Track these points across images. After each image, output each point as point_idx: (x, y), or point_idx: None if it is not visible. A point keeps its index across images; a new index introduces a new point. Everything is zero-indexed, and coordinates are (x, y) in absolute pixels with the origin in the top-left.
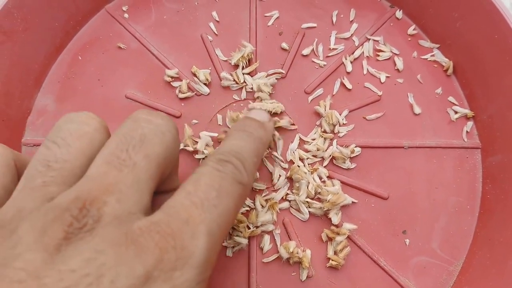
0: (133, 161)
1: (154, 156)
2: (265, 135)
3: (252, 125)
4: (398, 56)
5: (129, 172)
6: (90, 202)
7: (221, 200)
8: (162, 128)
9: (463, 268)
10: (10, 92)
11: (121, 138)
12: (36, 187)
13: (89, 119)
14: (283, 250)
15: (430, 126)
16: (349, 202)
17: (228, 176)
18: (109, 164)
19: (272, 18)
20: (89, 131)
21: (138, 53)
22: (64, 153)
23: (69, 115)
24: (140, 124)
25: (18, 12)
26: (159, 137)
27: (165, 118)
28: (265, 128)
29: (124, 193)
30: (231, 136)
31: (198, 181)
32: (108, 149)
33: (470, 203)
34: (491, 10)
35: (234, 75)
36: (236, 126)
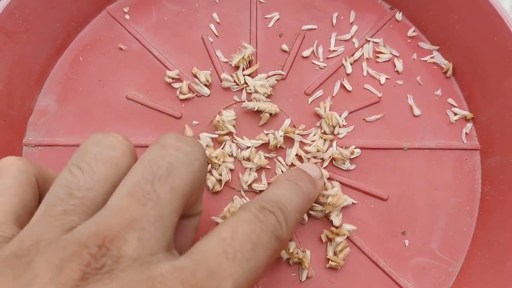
0: (158, 194)
1: (180, 189)
2: (313, 192)
3: (304, 179)
4: (398, 58)
5: (153, 206)
6: (110, 239)
7: (256, 254)
8: (190, 156)
9: (462, 269)
10: (12, 93)
11: (147, 167)
12: (56, 215)
13: (117, 142)
14: (283, 250)
15: (430, 127)
16: (349, 203)
17: (268, 228)
18: (133, 197)
19: (272, 19)
20: (116, 156)
21: (139, 54)
22: (88, 181)
23: (97, 136)
24: (168, 152)
25: (20, 13)
26: (187, 167)
27: (194, 145)
28: (315, 185)
29: (146, 230)
30: (279, 184)
31: (236, 228)
32: (133, 179)
33: (469, 204)
34: (490, 13)
35: (235, 77)
36: (287, 175)
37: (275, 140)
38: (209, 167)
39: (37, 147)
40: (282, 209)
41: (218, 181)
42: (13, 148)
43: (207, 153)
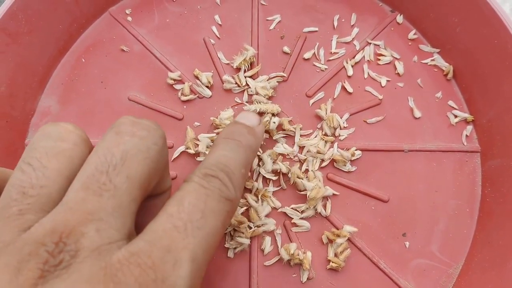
0: (114, 184)
1: (137, 176)
2: (254, 142)
3: (241, 131)
4: (399, 60)
5: (110, 197)
6: (67, 234)
7: (207, 221)
8: (146, 141)
9: (462, 270)
10: (14, 94)
11: (101, 157)
12: (11, 216)
13: (67, 133)
14: (284, 252)
15: (430, 129)
16: (330, 194)
17: (214, 193)
18: (88, 189)
19: (274, 22)
20: (67, 148)
21: (141, 56)
22: (40, 177)
23: (46, 128)
24: (122, 138)
25: (23, 14)
26: (143, 153)
27: (151, 128)
28: (254, 134)
29: (104, 221)
30: (217, 146)
31: (181, 201)
32: (87, 171)
33: (469, 206)
34: (491, 16)
35: (236, 78)
36: (224, 133)
37: (268, 123)
38: None
39: None
40: (225, 170)
41: None
42: (15, 149)
43: None
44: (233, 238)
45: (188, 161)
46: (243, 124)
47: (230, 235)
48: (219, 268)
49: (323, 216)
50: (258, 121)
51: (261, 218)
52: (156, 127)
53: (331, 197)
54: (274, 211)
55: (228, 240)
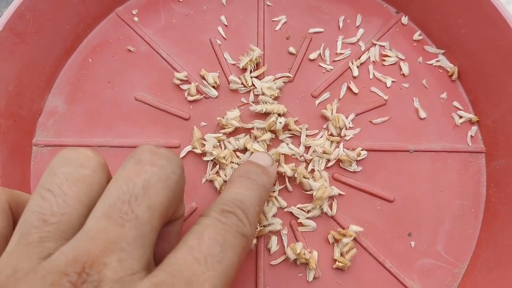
0: (135, 214)
1: (158, 206)
2: (268, 182)
3: (256, 171)
4: (404, 61)
5: (131, 227)
6: (89, 264)
7: (225, 255)
8: (166, 170)
9: (467, 270)
10: (22, 93)
11: (123, 186)
12: (31, 243)
13: (86, 159)
14: (290, 251)
15: (435, 130)
16: (336, 194)
17: (232, 228)
18: (110, 218)
19: (279, 22)
20: (87, 175)
21: (148, 56)
22: (61, 204)
23: (66, 154)
24: (143, 168)
25: (30, 14)
26: (163, 183)
27: (169, 158)
28: (268, 174)
29: (126, 251)
30: (233, 183)
31: (201, 235)
32: (108, 199)
33: (474, 206)
34: (496, 17)
35: (242, 79)
36: (239, 172)
37: (275, 123)
38: (217, 168)
39: (46, 147)
40: (241, 207)
41: (224, 182)
42: (23, 148)
43: (215, 154)
44: None
45: (195, 161)
46: (258, 164)
47: None
48: None
49: (329, 215)
50: (271, 161)
51: (268, 219)
52: (174, 156)
53: (337, 197)
54: (280, 210)
55: None
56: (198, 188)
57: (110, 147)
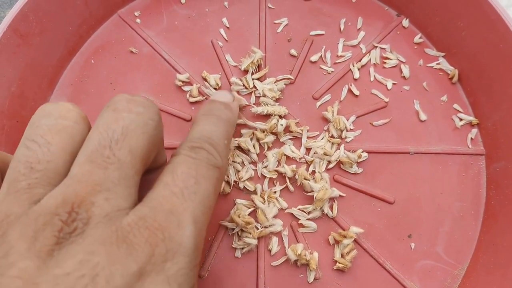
0: (118, 157)
1: (138, 150)
2: (232, 116)
3: (218, 107)
4: (405, 63)
5: (115, 169)
6: (78, 204)
7: (200, 186)
8: (143, 117)
9: (467, 272)
10: (25, 94)
11: (103, 133)
12: (21, 190)
13: (67, 111)
14: (291, 252)
15: (436, 132)
16: (337, 195)
17: (203, 162)
18: (93, 163)
19: (281, 25)
20: (68, 125)
21: (150, 58)
22: (46, 153)
23: (46, 108)
24: (121, 115)
25: (34, 15)
26: (141, 128)
27: (146, 105)
28: (231, 109)
29: (112, 191)
30: (199, 122)
31: (174, 171)
32: (90, 146)
33: (474, 208)
34: (496, 20)
35: (244, 80)
36: (203, 111)
37: (276, 125)
38: None
39: None
40: (209, 141)
41: (227, 182)
42: None
43: None
44: (241, 239)
45: None
46: (219, 101)
47: (238, 236)
48: (227, 268)
49: (329, 217)
50: (232, 98)
51: (269, 220)
52: (150, 103)
53: (338, 198)
54: (281, 211)
55: (235, 241)
56: None
57: None
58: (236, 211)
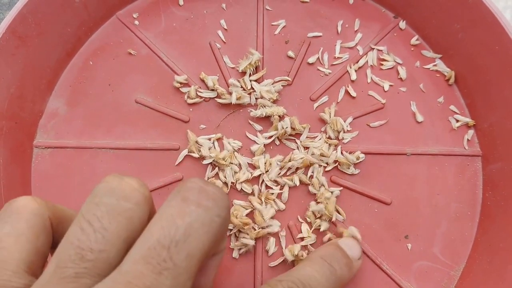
0: (174, 262)
1: (198, 253)
2: (347, 277)
3: (340, 260)
4: (401, 65)
5: (168, 276)
6: None
7: None
8: (211, 213)
9: (463, 273)
10: (23, 95)
11: (164, 229)
12: (67, 277)
13: (131, 191)
14: (288, 253)
15: (432, 134)
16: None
17: None
18: (147, 264)
19: (279, 27)
20: (129, 208)
21: (148, 59)
22: (100, 240)
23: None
24: (188, 208)
25: (32, 17)
26: (206, 227)
27: (217, 199)
28: (351, 268)
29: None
30: (312, 264)
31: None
32: (148, 242)
33: (470, 209)
34: (492, 22)
35: (242, 82)
36: (323, 252)
37: (283, 129)
38: (215, 170)
39: (47, 149)
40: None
41: (224, 184)
42: (23, 150)
43: (213, 156)
44: (238, 239)
45: (194, 162)
46: (345, 253)
47: (235, 236)
48: (224, 268)
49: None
50: (359, 255)
51: (266, 220)
52: (222, 196)
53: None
54: (279, 212)
55: (233, 241)
56: None
57: (110, 149)
58: (234, 212)
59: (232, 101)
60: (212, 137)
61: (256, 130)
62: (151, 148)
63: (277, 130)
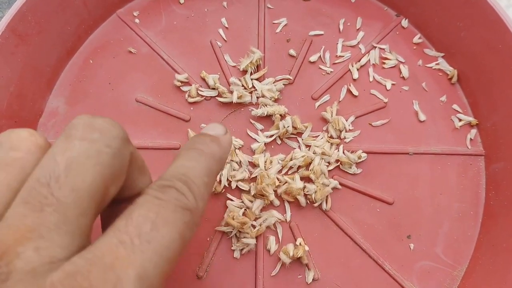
0: (56, 198)
1: (85, 187)
2: (219, 150)
3: (203, 141)
4: (404, 64)
5: (52, 212)
6: (0, 255)
7: (158, 233)
8: (97, 145)
9: (466, 273)
10: (23, 94)
11: (44, 167)
12: None
13: (19, 140)
14: (284, 256)
15: (435, 133)
16: (336, 185)
17: (169, 203)
18: (28, 204)
19: (280, 25)
20: (19, 157)
21: (149, 58)
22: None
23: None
24: (70, 143)
25: (32, 16)
26: (94, 159)
27: (104, 129)
28: (218, 142)
29: (45, 238)
30: (178, 157)
31: (130, 214)
32: (28, 183)
33: (473, 209)
34: (495, 21)
35: (243, 81)
36: (186, 145)
37: (284, 128)
38: None
39: None
40: (182, 179)
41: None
42: None
43: None
44: (239, 240)
45: None
46: (206, 133)
47: (236, 237)
48: (226, 269)
49: (323, 210)
50: (224, 130)
51: (257, 213)
52: (110, 126)
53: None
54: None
55: (234, 243)
56: None
57: None
58: (230, 213)
59: (233, 100)
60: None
61: (257, 129)
62: (152, 147)
63: (278, 129)
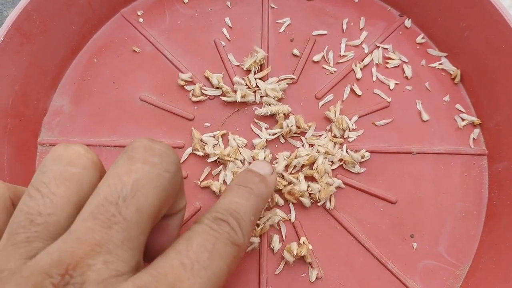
0: (123, 217)
1: (147, 208)
2: (266, 191)
3: (253, 180)
4: (407, 64)
5: (119, 229)
6: (73, 266)
7: (213, 263)
8: (158, 169)
9: (469, 272)
10: (28, 93)
11: (111, 186)
12: (19, 243)
13: (76, 156)
14: (288, 254)
15: (438, 132)
16: (338, 184)
17: (223, 236)
18: (96, 220)
19: (284, 25)
20: (76, 173)
21: (153, 57)
22: (48, 204)
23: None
24: (134, 165)
25: (37, 14)
26: (155, 182)
27: (163, 154)
28: (266, 183)
29: (113, 253)
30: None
31: (191, 241)
32: (96, 200)
33: (476, 208)
34: (498, 21)
35: (247, 80)
36: (236, 180)
37: (288, 127)
38: (220, 167)
39: (51, 147)
40: (235, 216)
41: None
42: (28, 147)
43: (218, 153)
44: None
45: (198, 161)
46: (256, 172)
47: None
48: None
49: (327, 209)
50: (271, 170)
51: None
52: (169, 152)
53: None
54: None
55: None
56: (202, 188)
57: (115, 147)
58: None
59: (237, 99)
60: (217, 133)
61: (261, 127)
62: None
63: (282, 128)
